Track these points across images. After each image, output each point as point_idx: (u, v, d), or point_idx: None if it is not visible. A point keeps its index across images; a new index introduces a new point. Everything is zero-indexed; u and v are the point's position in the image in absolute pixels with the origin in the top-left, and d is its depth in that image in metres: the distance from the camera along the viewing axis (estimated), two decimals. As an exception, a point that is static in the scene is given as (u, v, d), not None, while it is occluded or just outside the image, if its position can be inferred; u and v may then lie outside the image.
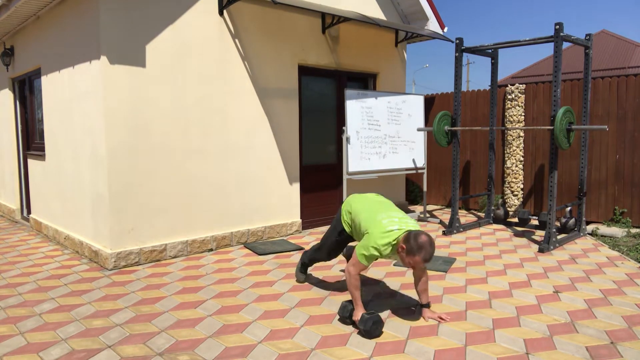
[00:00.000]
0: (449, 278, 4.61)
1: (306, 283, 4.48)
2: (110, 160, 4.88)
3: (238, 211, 5.95)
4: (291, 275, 4.71)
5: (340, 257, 5.38)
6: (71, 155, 5.62)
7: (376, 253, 3.33)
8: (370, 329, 3.29)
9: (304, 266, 4.47)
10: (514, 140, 7.73)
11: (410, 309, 3.82)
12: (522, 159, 7.72)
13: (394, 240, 3.31)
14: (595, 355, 3.05)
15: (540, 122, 7.49)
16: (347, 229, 3.87)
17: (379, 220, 3.41)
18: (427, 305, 3.66)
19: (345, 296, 4.12)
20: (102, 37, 4.75)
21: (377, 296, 4.13)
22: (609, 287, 4.33)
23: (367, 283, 4.47)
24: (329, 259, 4.22)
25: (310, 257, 4.35)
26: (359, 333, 3.39)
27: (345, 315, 3.52)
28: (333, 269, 4.93)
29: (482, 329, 3.45)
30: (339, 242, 4.01)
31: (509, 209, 7.79)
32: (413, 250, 3.18)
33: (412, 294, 4.18)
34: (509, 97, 7.73)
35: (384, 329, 3.44)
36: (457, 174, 6.81)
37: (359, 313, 3.41)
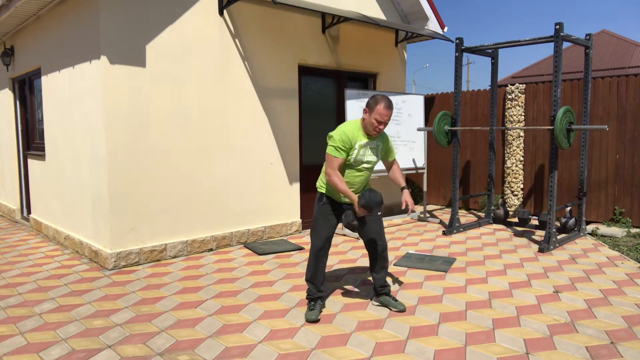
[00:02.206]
0: (449, 278, 4.61)
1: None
2: (110, 160, 4.88)
3: (238, 211, 5.95)
4: (291, 275, 4.71)
5: (340, 257, 5.38)
6: (71, 155, 5.62)
7: (344, 137, 3.43)
8: (369, 199, 3.39)
9: (310, 296, 3.79)
10: (514, 140, 7.73)
11: (408, 309, 3.82)
12: (522, 158, 7.72)
13: (357, 124, 3.51)
14: (595, 355, 3.05)
15: (540, 122, 7.49)
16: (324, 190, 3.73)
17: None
18: (407, 187, 3.75)
19: (346, 295, 4.12)
20: (102, 37, 4.75)
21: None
22: (609, 287, 4.33)
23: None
24: (327, 244, 3.74)
25: (310, 268, 3.76)
26: (359, 205, 3.45)
27: (350, 219, 3.60)
28: (333, 268, 4.93)
29: (482, 329, 3.45)
30: (334, 226, 3.75)
31: (509, 209, 7.79)
32: (372, 105, 3.39)
33: (410, 294, 4.18)
34: (509, 97, 7.73)
35: (383, 329, 3.44)
36: (457, 174, 6.81)
37: (355, 202, 3.48)
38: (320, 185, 3.75)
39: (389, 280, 4.50)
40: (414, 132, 7.36)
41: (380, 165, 6.91)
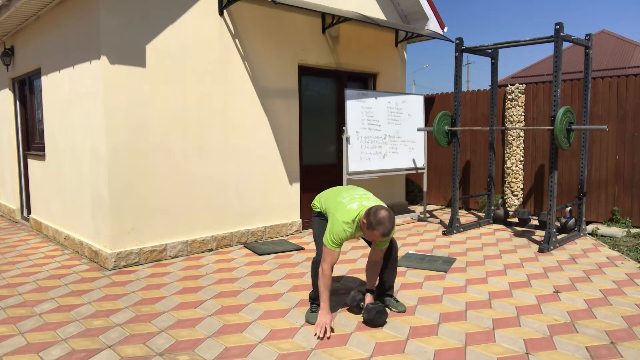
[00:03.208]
0: (449, 278, 4.61)
1: (306, 283, 4.48)
2: (110, 160, 4.88)
3: (238, 211, 5.95)
4: (291, 275, 4.71)
5: (340, 257, 5.38)
6: (71, 155, 5.62)
7: (342, 234, 3.33)
8: (374, 318, 3.42)
9: (314, 299, 3.79)
10: (514, 140, 7.73)
11: (407, 309, 3.82)
12: (522, 159, 7.72)
13: (356, 217, 3.35)
14: (595, 355, 3.05)
15: (540, 122, 7.49)
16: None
17: (340, 201, 3.46)
18: (371, 292, 3.65)
19: (346, 296, 4.12)
20: (102, 37, 4.75)
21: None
22: (609, 287, 4.33)
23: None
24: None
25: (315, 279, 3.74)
26: (363, 322, 3.49)
27: (354, 304, 3.64)
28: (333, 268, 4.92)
29: (482, 329, 3.45)
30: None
31: (509, 209, 7.79)
32: (372, 225, 3.22)
33: (410, 294, 4.18)
34: (509, 97, 7.73)
35: (383, 329, 3.45)
36: (457, 174, 6.81)
37: (324, 313, 3.37)
38: (315, 205, 3.77)
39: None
40: (414, 132, 7.37)
41: (380, 166, 6.92)
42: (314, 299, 3.71)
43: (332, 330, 3.41)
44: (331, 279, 3.42)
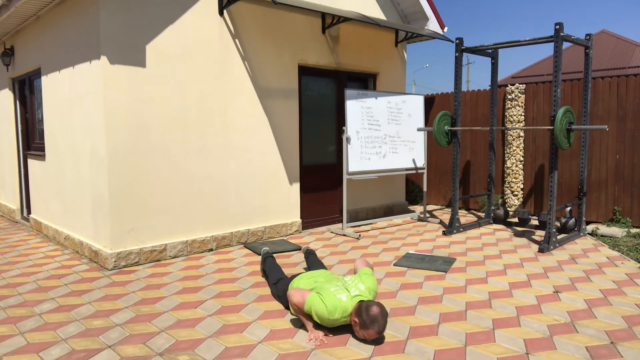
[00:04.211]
0: (449, 278, 4.61)
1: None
2: (110, 160, 4.88)
3: (238, 211, 5.95)
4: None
5: (340, 257, 5.38)
6: (71, 155, 5.62)
7: (327, 315, 3.21)
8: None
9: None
10: (514, 140, 7.73)
11: (407, 308, 3.82)
12: (522, 159, 7.72)
13: (343, 312, 3.23)
14: (595, 355, 3.05)
15: (540, 122, 7.49)
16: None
17: (327, 288, 3.34)
18: None
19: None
20: (102, 37, 4.75)
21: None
22: (609, 287, 4.33)
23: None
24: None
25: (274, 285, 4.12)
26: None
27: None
28: (333, 268, 4.93)
29: (482, 329, 3.45)
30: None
31: (509, 209, 7.79)
32: (366, 325, 3.11)
33: (410, 294, 4.18)
34: (509, 97, 7.73)
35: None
36: (457, 174, 6.81)
37: (313, 329, 3.34)
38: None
39: (388, 279, 4.49)
40: (414, 132, 7.37)
41: (380, 166, 6.92)
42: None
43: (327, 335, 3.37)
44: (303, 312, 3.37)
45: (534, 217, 6.76)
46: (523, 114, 7.66)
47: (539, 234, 6.49)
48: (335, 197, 7.23)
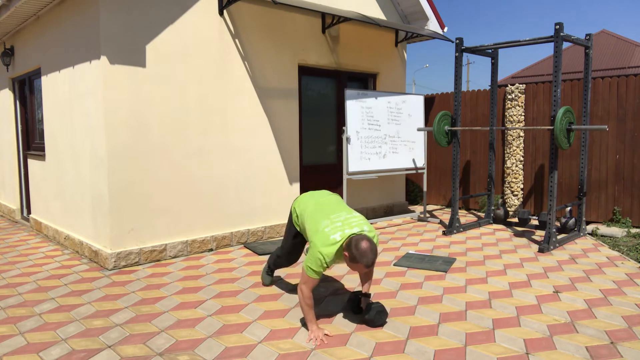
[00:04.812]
0: (449, 278, 4.61)
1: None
2: (110, 160, 4.88)
3: (238, 211, 5.95)
4: (291, 275, 4.71)
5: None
6: (71, 155, 5.62)
7: (323, 264, 3.24)
8: (374, 318, 3.44)
9: (269, 269, 4.37)
10: (514, 140, 7.73)
11: (408, 308, 3.83)
12: (522, 159, 7.72)
13: (337, 249, 3.25)
14: (595, 355, 3.05)
15: (540, 122, 7.49)
16: (299, 229, 3.81)
17: (322, 229, 3.32)
18: (367, 296, 3.65)
19: (345, 296, 4.12)
20: (102, 37, 4.75)
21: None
22: (609, 287, 4.33)
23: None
24: (290, 264, 4.15)
25: (274, 263, 4.27)
26: (364, 322, 3.50)
27: (355, 304, 3.67)
28: (333, 268, 4.93)
29: (482, 329, 3.45)
30: (296, 245, 3.94)
31: (509, 209, 7.79)
32: (355, 258, 3.15)
33: (410, 294, 4.18)
34: (509, 97, 7.73)
35: (383, 329, 3.45)
36: (457, 174, 6.81)
37: (315, 329, 3.31)
38: (293, 212, 3.86)
39: (388, 279, 4.50)
40: (414, 132, 7.37)
41: (380, 166, 6.92)
42: (270, 265, 4.29)
43: (328, 335, 3.38)
44: (312, 298, 3.34)
45: (534, 217, 6.76)
46: (523, 114, 7.66)
47: (539, 234, 6.49)
48: (335, 197, 7.22)
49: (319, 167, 7.02)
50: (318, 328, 3.34)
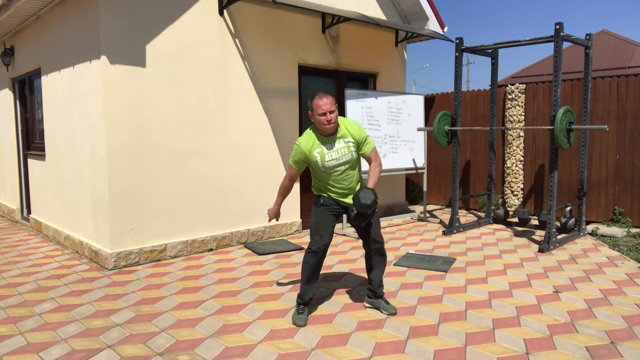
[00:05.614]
0: (449, 278, 4.61)
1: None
2: (110, 160, 4.88)
3: (238, 211, 5.95)
4: (291, 275, 4.71)
5: (340, 257, 5.38)
6: (71, 155, 5.62)
7: (298, 150, 3.54)
8: (358, 205, 3.48)
9: (301, 304, 3.68)
10: (514, 140, 7.73)
11: (410, 308, 3.83)
12: (522, 158, 7.73)
13: (306, 132, 3.58)
14: (595, 355, 3.05)
15: (540, 122, 7.49)
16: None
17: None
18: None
19: (346, 295, 4.12)
20: (102, 37, 4.75)
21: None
22: (609, 287, 4.33)
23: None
24: (330, 238, 3.67)
25: (305, 274, 3.65)
26: (353, 215, 3.54)
27: (351, 216, 3.58)
28: (333, 268, 4.93)
29: (482, 329, 3.45)
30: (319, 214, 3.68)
31: (509, 208, 7.79)
32: (310, 104, 3.47)
33: (410, 294, 4.18)
34: (509, 97, 7.73)
35: (383, 329, 3.45)
36: (457, 174, 6.81)
37: (273, 207, 3.87)
38: (314, 187, 3.79)
39: (388, 279, 4.50)
40: (414, 132, 7.37)
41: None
42: (301, 298, 3.63)
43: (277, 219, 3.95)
44: (286, 189, 3.79)
45: (534, 217, 6.76)
46: (523, 113, 7.66)
47: (539, 234, 6.49)
48: (335, 197, 7.22)
49: (319, 167, 7.01)
50: (276, 208, 3.87)
